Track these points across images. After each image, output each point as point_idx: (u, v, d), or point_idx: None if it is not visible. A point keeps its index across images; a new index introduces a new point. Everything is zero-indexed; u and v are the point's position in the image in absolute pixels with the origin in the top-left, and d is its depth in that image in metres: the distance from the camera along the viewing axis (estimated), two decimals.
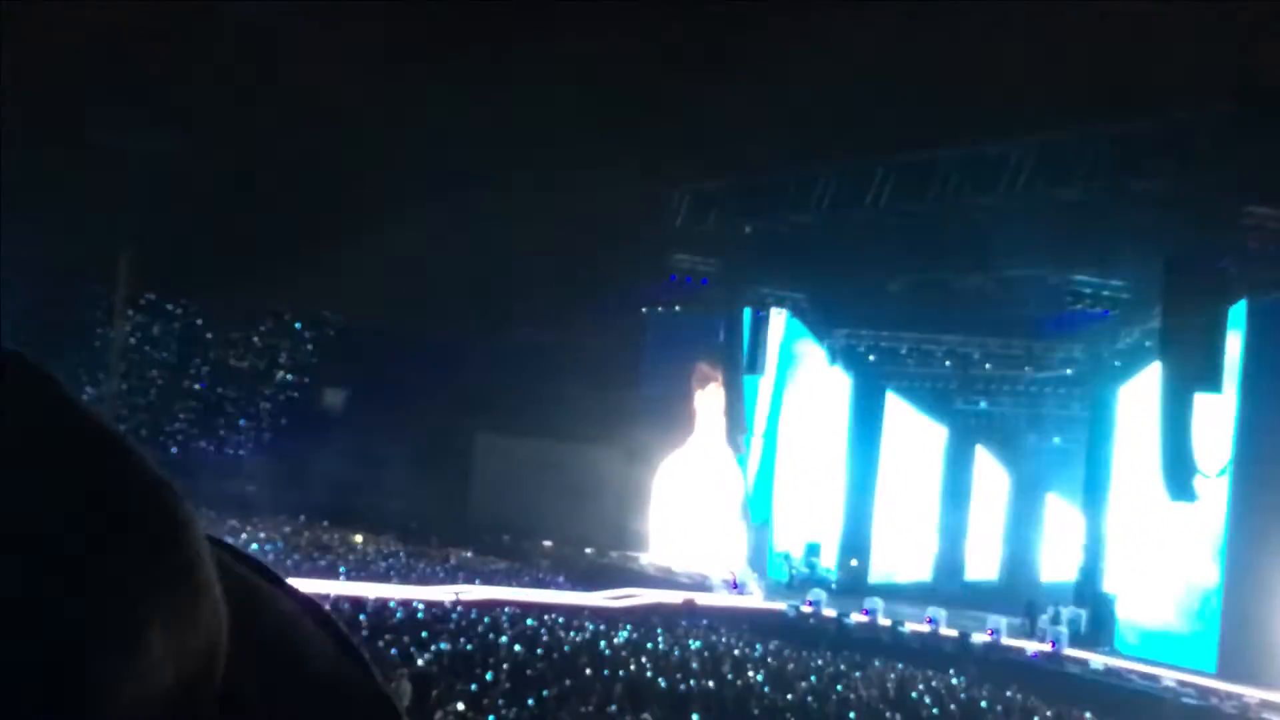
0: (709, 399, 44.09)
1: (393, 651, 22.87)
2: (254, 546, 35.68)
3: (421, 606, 28.98)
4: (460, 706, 18.65)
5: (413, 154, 38.90)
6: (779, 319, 42.52)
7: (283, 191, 40.36)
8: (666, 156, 37.93)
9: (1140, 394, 35.06)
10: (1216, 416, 32.01)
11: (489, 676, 21.39)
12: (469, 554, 39.74)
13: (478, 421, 45.26)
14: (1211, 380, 31.79)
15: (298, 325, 50.68)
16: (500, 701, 19.72)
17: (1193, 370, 32.08)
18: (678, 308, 43.99)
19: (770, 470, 43.22)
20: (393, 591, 30.93)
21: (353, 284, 41.31)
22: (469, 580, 34.12)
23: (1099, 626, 34.73)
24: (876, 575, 41.74)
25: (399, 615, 27.41)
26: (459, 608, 29.31)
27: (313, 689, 0.99)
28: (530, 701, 19.88)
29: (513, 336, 42.72)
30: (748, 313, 42.31)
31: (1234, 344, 31.59)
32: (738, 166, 38.74)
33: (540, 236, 38.77)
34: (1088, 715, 26.93)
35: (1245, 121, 29.48)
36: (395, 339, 44.15)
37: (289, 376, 50.91)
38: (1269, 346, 30.54)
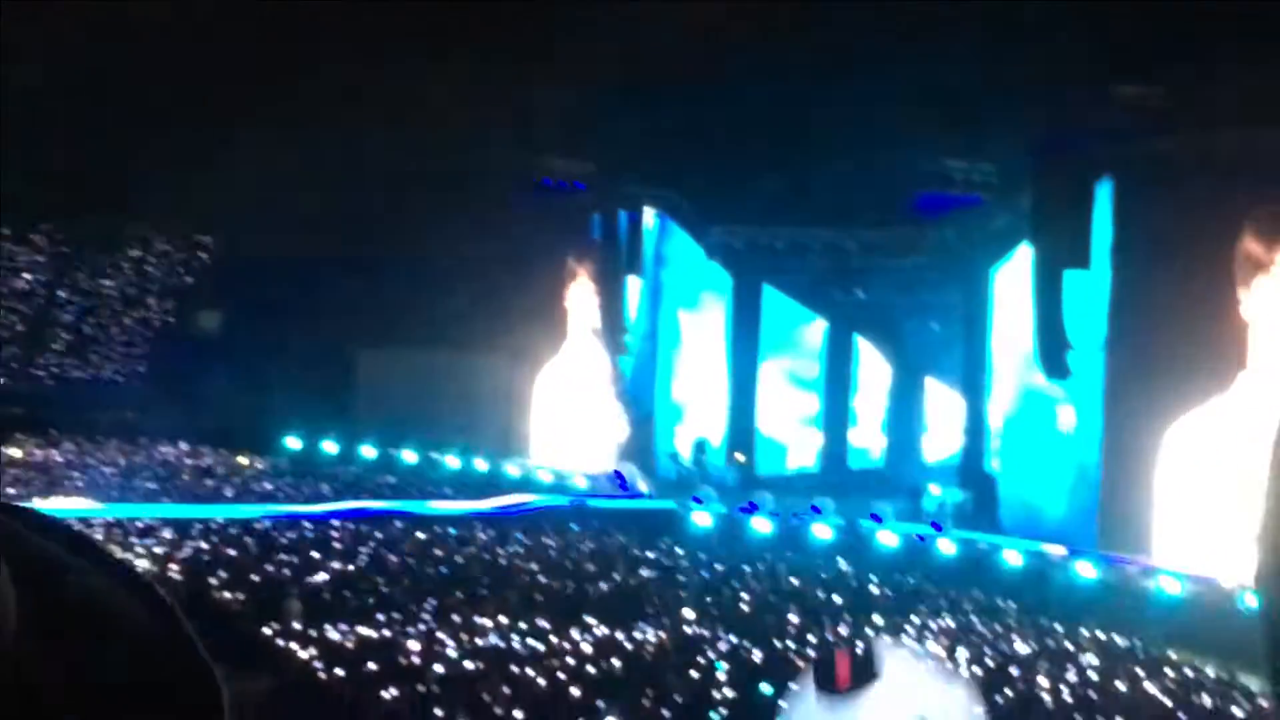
0: (587, 302, 44.01)
1: (284, 572, 22.76)
2: (139, 473, 35.27)
3: (311, 525, 28.79)
4: (352, 623, 18.61)
5: (282, 73, 38.16)
6: (654, 219, 42.48)
7: (151, 116, 39.49)
8: (537, 61, 37.54)
9: (1013, 276, 35.52)
10: (1089, 293, 32.54)
11: (383, 591, 21.35)
12: (357, 470, 39.48)
13: (360, 338, 44.79)
14: (1080, 258, 32.27)
15: (170, 249, 49.71)
16: (395, 615, 19.70)
17: (1062, 249, 32.56)
18: (554, 212, 43.71)
19: (653, 369, 43.34)
20: (281, 511, 30.67)
21: (226, 206, 40.62)
22: (358, 496, 33.89)
23: (983, 507, 35.33)
24: (763, 468, 42.08)
25: (289, 535, 27.23)
26: (349, 524, 29.13)
27: (120, 665, 0.92)
28: (424, 614, 19.88)
29: (389, 250, 42.17)
30: (623, 214, 42.20)
31: (1103, 222, 32.05)
32: (609, 71, 38.40)
33: (412, 147, 38.28)
34: (976, 593, 27.45)
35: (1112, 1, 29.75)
36: (271, 260, 43.41)
37: (164, 302, 50.02)
38: (1136, 223, 30.95)
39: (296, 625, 18.67)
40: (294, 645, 17.69)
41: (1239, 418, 29.21)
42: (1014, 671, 19.64)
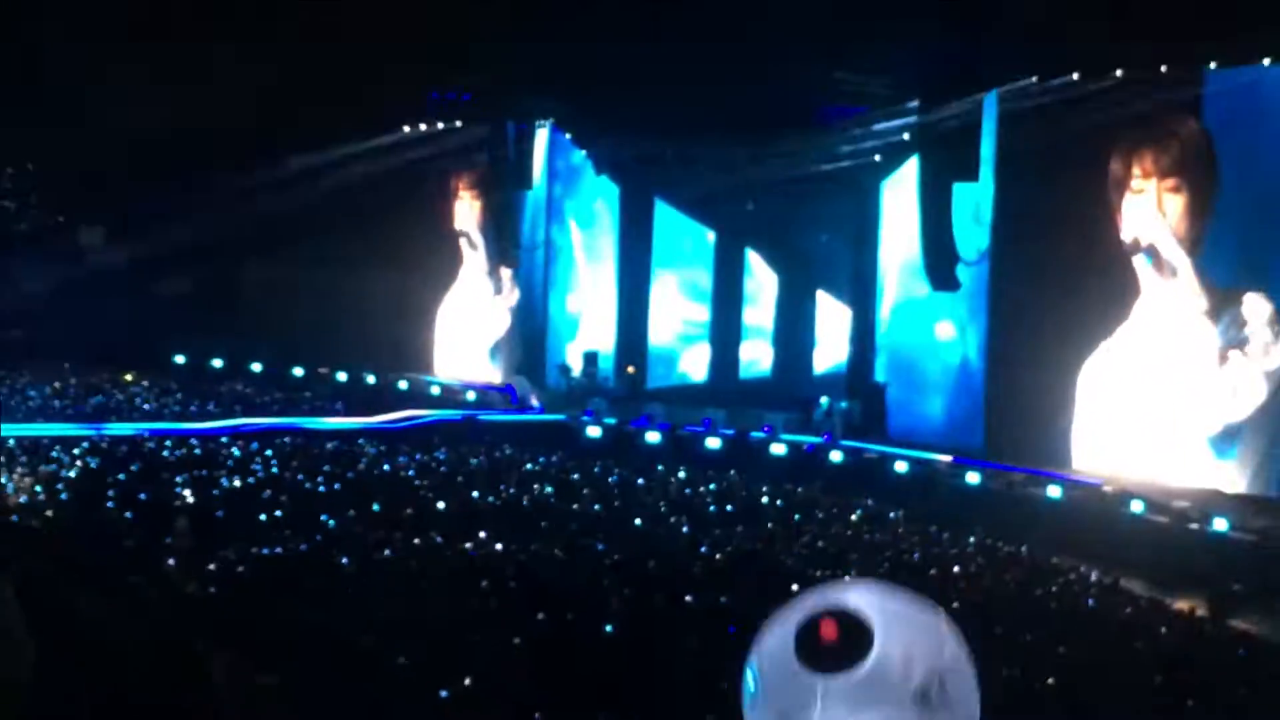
0: (477, 215, 43.75)
1: (173, 490, 22.52)
2: (22, 392, 34.65)
3: (199, 442, 28.49)
4: (244, 540, 18.47)
5: None
6: (544, 132, 42.21)
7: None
8: None
9: (902, 187, 35.76)
10: (976, 204, 32.86)
11: (277, 512, 21.19)
12: (245, 387, 39.06)
13: (243, 253, 44.21)
14: (968, 170, 32.56)
15: (32, 168, 48.49)
16: (286, 533, 19.58)
17: (949, 161, 32.83)
18: (440, 125, 43.31)
19: (544, 283, 43.22)
20: (169, 428, 30.30)
21: (95, 119, 39.63)
22: (247, 413, 33.57)
23: (871, 417, 35.75)
24: (654, 380, 42.23)
25: (177, 452, 26.93)
26: (238, 442, 28.85)
27: (129, 692, 0.89)
28: (316, 533, 19.78)
29: (277, 166, 41.53)
30: (511, 126, 41.87)
31: (988, 133, 32.34)
32: None
33: (294, 61, 37.58)
34: (869, 501, 27.83)
35: None
36: (149, 174, 42.53)
37: (45, 218, 48.93)
38: (1021, 134, 31.23)
39: (186, 543, 18.50)
40: (186, 563, 17.53)
41: (1116, 320, 29.80)
42: (903, 578, 19.91)
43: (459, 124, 43.09)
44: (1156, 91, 29.26)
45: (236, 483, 23.58)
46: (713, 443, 33.30)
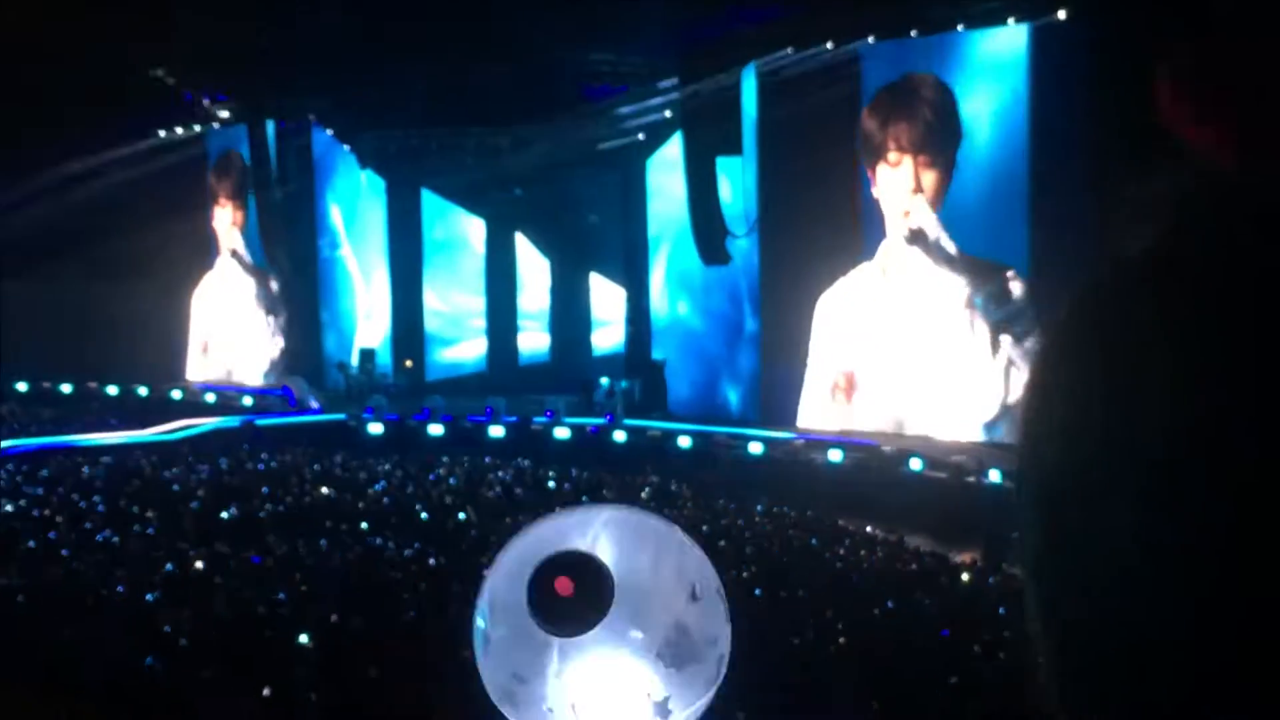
0: (239, 218, 43.00)
1: None
2: None
3: None
4: (23, 564, 17.94)
5: None
6: (304, 129, 41.64)
7: None
8: None
9: (666, 165, 36.10)
10: (741, 178, 33.33)
11: (51, 534, 20.60)
12: (11, 408, 37.83)
13: (4, 272, 42.75)
14: (731, 144, 33.00)
15: None
16: (65, 552, 19.06)
17: (712, 136, 33.25)
18: (197, 127, 42.44)
19: (315, 280, 42.69)
20: None
21: None
22: (14, 434, 32.53)
23: (651, 393, 36.10)
24: (433, 373, 42.05)
25: None
26: (7, 465, 27.94)
27: None
28: (96, 548, 19.29)
29: (27, 176, 40.19)
30: (270, 125, 41.23)
31: (749, 107, 32.81)
32: None
33: (45, 62, 36.40)
34: (654, 479, 28.08)
35: None
36: None
37: None
38: (778, 106, 31.77)
39: None
40: None
41: (878, 286, 30.49)
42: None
43: (216, 125, 42.29)
44: (905, 58, 30.02)
45: (8, 507, 22.83)
46: (496, 431, 33.27)
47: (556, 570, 1.90)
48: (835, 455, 28.72)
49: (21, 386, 39.93)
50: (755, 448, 30.24)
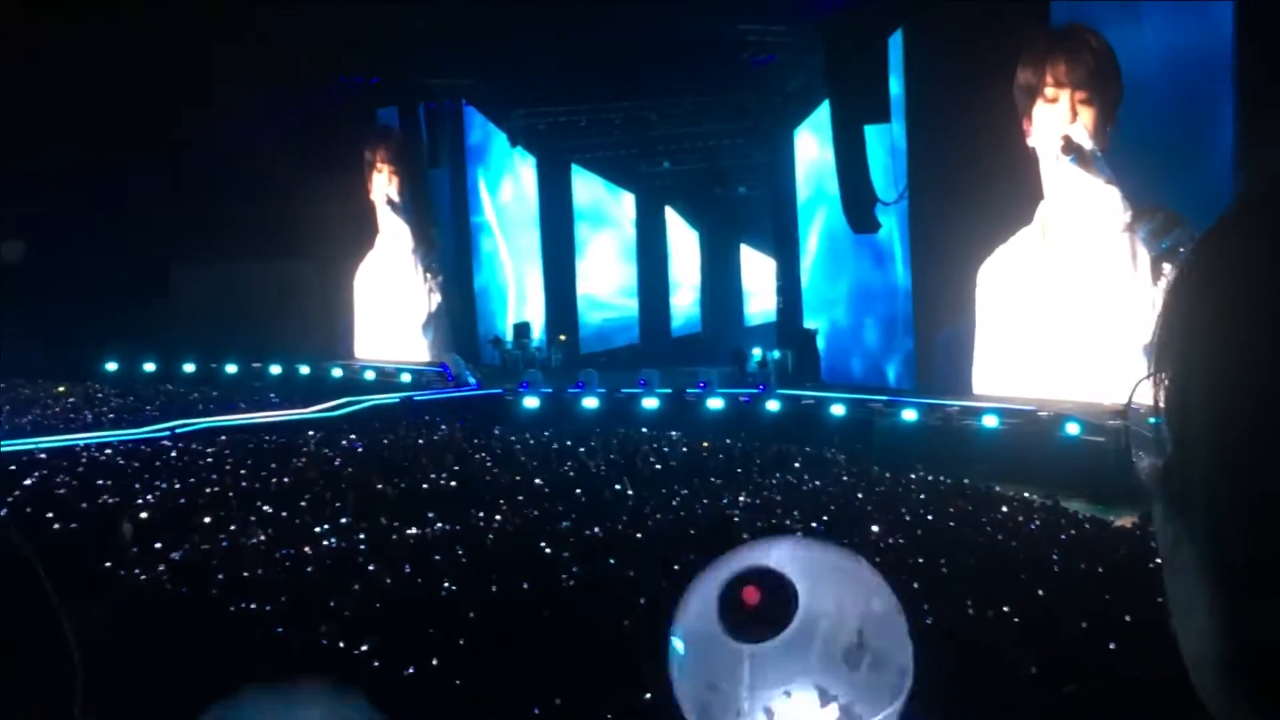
0: (394, 198, 43.64)
1: (115, 497, 22.40)
2: None
3: (137, 447, 28.34)
4: (191, 540, 18.45)
5: None
6: (455, 109, 42.14)
7: None
8: None
9: (816, 134, 35.95)
10: (890, 145, 33.07)
11: (217, 506, 21.16)
12: (179, 388, 38.89)
13: (168, 252, 43.89)
14: (879, 111, 32.73)
15: None
16: (232, 528, 19.57)
17: (860, 105, 32.96)
18: (351, 110, 43.15)
19: (469, 257, 43.25)
20: (106, 436, 30.11)
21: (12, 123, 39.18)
22: (184, 414, 33.42)
23: (804, 363, 36.01)
24: (587, 345, 42.36)
25: (117, 460, 26.77)
26: (178, 444, 28.75)
27: None
28: (263, 527, 19.77)
29: (189, 160, 41.21)
30: (423, 106, 41.79)
31: (896, 72, 32.54)
32: None
33: (202, 52, 37.26)
34: (808, 448, 28.05)
35: None
36: (61, 179, 42.08)
37: None
38: (927, 70, 31.49)
39: (133, 549, 18.47)
40: (134, 570, 17.51)
41: (1042, 247, 30.09)
42: (848, 520, 20.16)
43: (371, 107, 42.96)
44: (1064, 12, 29.59)
45: (179, 484, 23.49)
46: (650, 403, 33.44)
47: (743, 583, 2.03)
48: (991, 421, 28.43)
49: (190, 367, 40.97)
50: (909, 415, 30.05)
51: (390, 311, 43.76)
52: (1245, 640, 0.70)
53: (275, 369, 40.38)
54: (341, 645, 13.31)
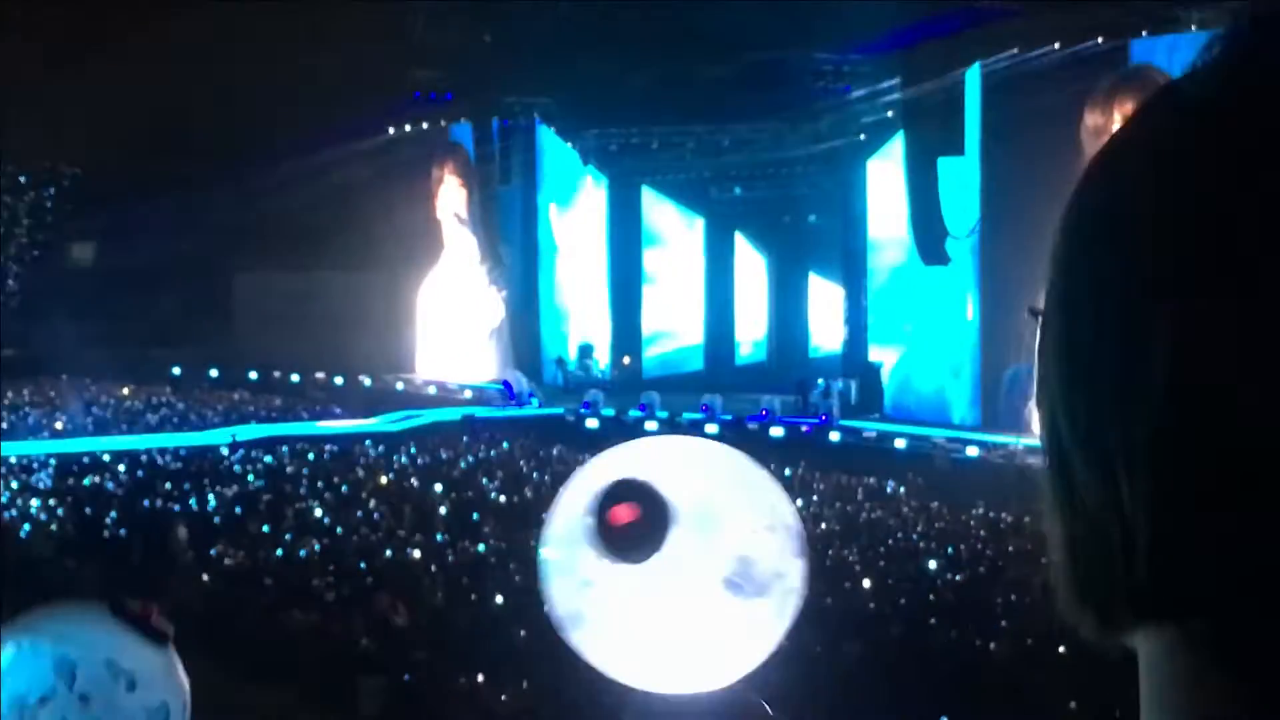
0: (462, 213, 43.72)
1: (174, 501, 22.53)
2: (19, 409, 34.63)
3: (198, 452, 28.50)
4: (249, 547, 18.50)
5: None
6: (528, 127, 42.22)
7: None
8: None
9: (888, 165, 35.76)
10: (962, 179, 32.85)
11: (276, 514, 21.22)
12: (242, 395, 39.08)
13: (235, 261, 44.26)
14: (953, 144, 32.56)
15: (26, 179, 48.42)
16: (288, 537, 19.62)
17: (935, 137, 32.83)
18: (424, 125, 43.34)
19: (534, 276, 43.23)
20: (168, 440, 30.28)
21: (82, 129, 39.65)
22: (244, 420, 33.59)
23: (868, 395, 35.75)
24: (650, 369, 42.23)
25: (177, 463, 26.93)
26: (238, 450, 28.87)
27: None
28: (320, 534, 19.80)
29: (259, 170, 41.50)
30: (496, 123, 41.91)
31: (972, 107, 32.33)
32: None
33: (277, 64, 37.56)
34: (870, 480, 27.82)
35: None
36: (137, 184, 42.51)
37: (35, 235, 48.98)
38: (1003, 106, 31.26)
39: (190, 553, 18.55)
40: (192, 573, 17.57)
41: None
42: (908, 554, 19.97)
43: (444, 123, 43.12)
44: (1134, 56, 29.36)
45: (239, 490, 23.58)
46: (711, 429, 33.27)
47: (616, 499, 1.94)
48: None
49: (253, 375, 41.19)
50: (972, 451, 29.77)
51: (455, 327, 43.77)
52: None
53: (338, 380, 40.50)
54: (394, 657, 13.28)
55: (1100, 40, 29.92)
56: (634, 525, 1.89)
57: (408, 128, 43.23)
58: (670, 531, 1.88)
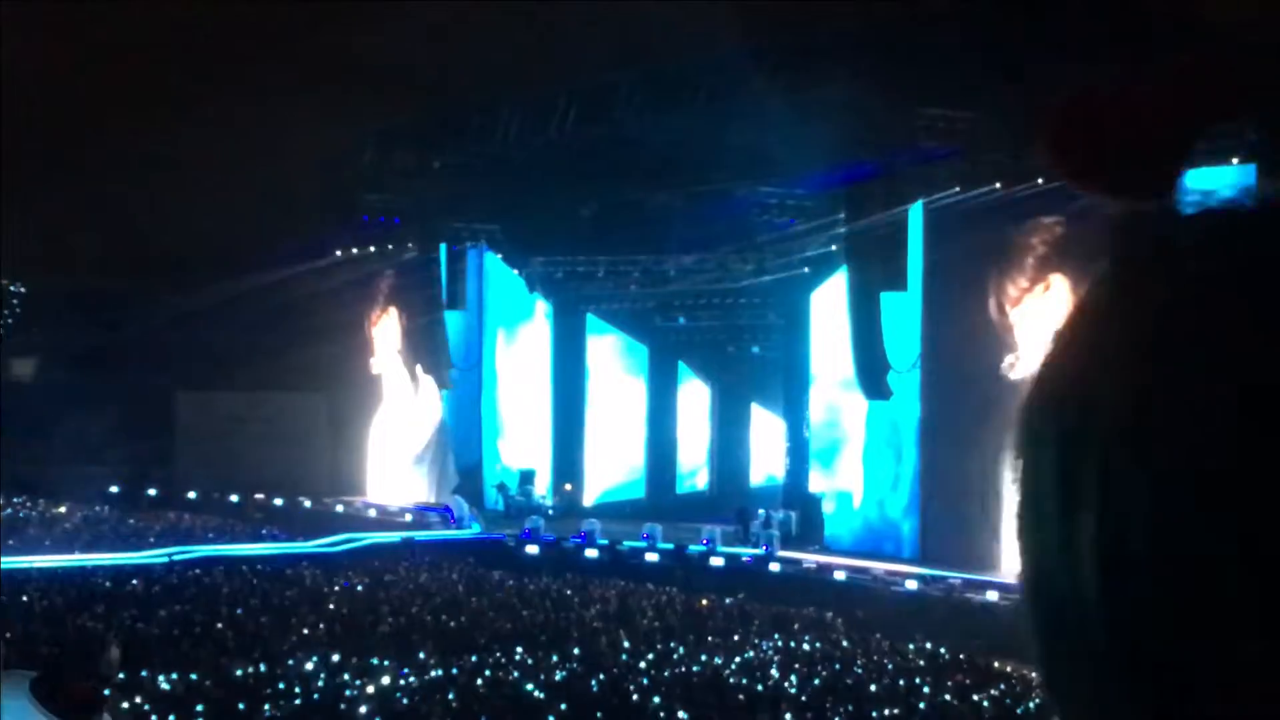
0: (409, 337, 43.77)
1: (106, 621, 22.25)
2: None
3: (134, 571, 28.19)
4: (180, 669, 18.28)
5: (87, 113, 37.41)
6: (475, 252, 42.45)
7: None
8: (348, 99, 37.39)
9: (831, 299, 36.07)
10: (905, 313, 33.19)
11: (210, 635, 21.00)
12: (180, 515, 38.74)
13: (177, 379, 44.08)
14: (896, 280, 32.95)
15: None
16: (223, 660, 19.41)
17: (877, 271, 33.21)
18: (372, 249, 43.51)
19: (477, 402, 43.23)
20: (103, 560, 29.92)
21: (25, 247, 39.60)
22: (182, 541, 33.27)
23: (808, 527, 35.79)
24: (591, 497, 42.16)
25: (110, 582, 26.63)
26: (175, 570, 28.60)
27: None
28: (254, 656, 19.61)
29: (205, 290, 41.53)
30: (443, 248, 42.10)
31: (915, 243, 32.75)
32: (420, 104, 38.45)
33: (224, 185, 37.80)
34: (808, 610, 27.80)
35: (912, 26, 30.47)
36: (81, 302, 42.48)
37: None
38: (944, 243, 31.67)
39: (120, 675, 18.30)
40: (121, 695, 17.32)
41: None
42: (846, 685, 19.94)
43: (390, 247, 43.31)
44: (1076, 196, 29.75)
45: (174, 611, 23.33)
46: (651, 557, 33.26)
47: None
48: (993, 595, 28.19)
49: (191, 494, 40.89)
50: (911, 585, 29.83)
51: (396, 450, 43.68)
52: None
53: (277, 501, 40.24)
54: None
55: (1040, 181, 30.36)
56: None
57: (355, 250, 43.39)
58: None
